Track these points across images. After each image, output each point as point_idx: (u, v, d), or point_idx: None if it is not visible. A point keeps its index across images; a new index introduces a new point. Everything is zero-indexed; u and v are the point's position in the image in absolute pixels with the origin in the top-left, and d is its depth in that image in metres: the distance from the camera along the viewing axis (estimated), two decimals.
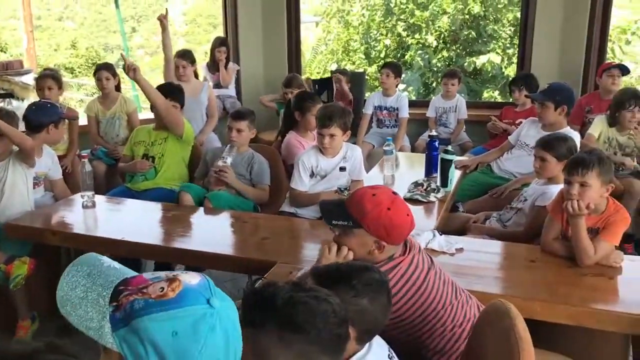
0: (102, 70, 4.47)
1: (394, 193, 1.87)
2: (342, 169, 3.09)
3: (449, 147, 3.36)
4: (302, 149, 3.35)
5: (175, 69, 4.57)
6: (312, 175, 3.12)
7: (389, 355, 1.56)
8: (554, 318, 2.15)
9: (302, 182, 3.10)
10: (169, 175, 3.57)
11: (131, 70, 3.27)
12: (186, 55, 4.71)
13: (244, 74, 5.83)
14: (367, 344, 1.51)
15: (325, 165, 3.11)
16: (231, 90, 5.41)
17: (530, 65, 5.16)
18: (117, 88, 4.60)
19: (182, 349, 0.96)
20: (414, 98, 8.72)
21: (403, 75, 9.09)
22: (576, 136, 3.47)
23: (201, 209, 3.13)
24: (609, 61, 5.31)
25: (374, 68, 9.06)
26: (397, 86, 5.13)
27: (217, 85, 5.37)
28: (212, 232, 2.90)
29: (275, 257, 2.44)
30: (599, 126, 4.02)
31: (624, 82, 7.90)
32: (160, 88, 3.60)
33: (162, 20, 4.33)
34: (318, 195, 3.03)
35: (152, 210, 3.16)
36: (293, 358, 1.16)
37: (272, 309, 1.17)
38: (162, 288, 1.00)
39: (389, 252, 1.82)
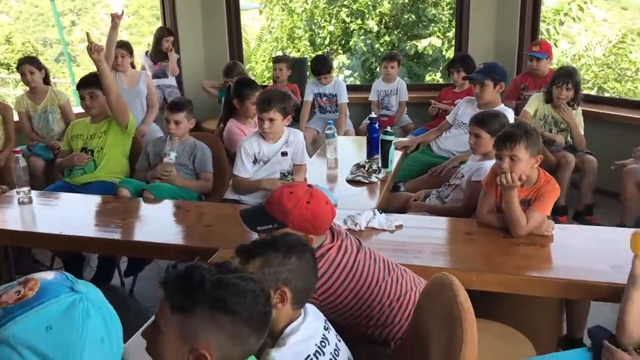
0: (25, 65, 4.35)
1: (310, 186, 1.92)
2: (284, 154, 3.10)
3: (389, 129, 3.42)
4: (243, 137, 3.34)
5: (113, 59, 4.47)
6: (255, 161, 3.12)
7: (324, 326, 1.59)
8: (490, 287, 2.23)
9: (245, 169, 3.09)
10: (110, 168, 3.51)
11: (95, 52, 3.21)
12: (125, 46, 4.63)
13: (185, 62, 5.75)
14: (303, 314, 1.55)
15: (267, 150, 3.12)
16: (171, 80, 5.33)
17: (467, 47, 5.28)
18: (46, 81, 4.47)
19: (63, 341, 0.94)
20: (358, 83, 8.79)
21: (349, 62, 9.20)
22: (510, 113, 3.59)
23: (141, 199, 3.09)
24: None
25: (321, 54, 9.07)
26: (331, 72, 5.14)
27: (158, 75, 5.28)
28: (154, 222, 2.87)
29: (219, 243, 2.43)
30: (535, 103, 4.17)
31: (560, 61, 8.20)
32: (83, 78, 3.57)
33: (115, 18, 4.24)
34: (260, 181, 3.04)
35: (91, 203, 3.10)
36: (225, 339, 1.15)
37: (202, 292, 1.15)
38: (18, 291, 0.98)
39: (317, 242, 1.86)
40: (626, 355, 1.72)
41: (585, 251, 2.36)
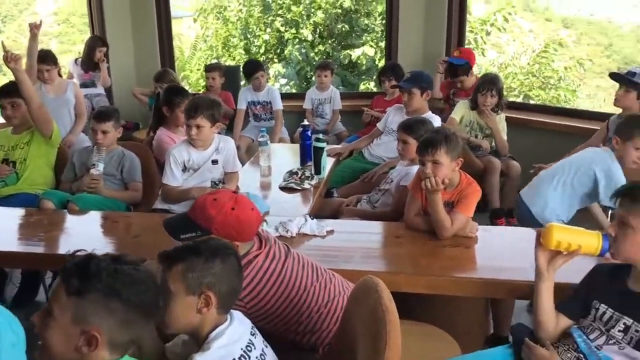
0: None
1: (235, 192, 1.92)
2: (215, 161, 3.07)
3: (321, 136, 3.45)
4: (173, 145, 3.29)
5: (39, 73, 4.31)
6: (185, 169, 3.08)
7: (251, 332, 1.59)
8: (418, 289, 2.29)
9: (174, 177, 3.05)
10: (33, 179, 3.38)
11: (12, 60, 3.08)
12: (48, 58, 4.43)
13: (115, 70, 5.61)
14: (229, 319, 1.54)
15: (197, 158, 3.08)
16: (99, 88, 5.19)
17: (397, 56, 5.41)
18: None
19: None
20: (294, 91, 8.83)
21: (284, 70, 9.23)
22: (437, 120, 3.70)
23: (66, 211, 2.98)
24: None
25: None
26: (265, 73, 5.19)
27: (86, 85, 5.13)
28: (80, 235, 2.79)
29: (148, 254, 2.38)
30: (461, 110, 4.30)
31: (488, 70, 8.51)
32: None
33: (34, 29, 4.08)
34: (190, 190, 3.00)
35: (13, 217, 2.97)
36: (115, 324, 1.27)
37: (98, 279, 1.26)
38: None
39: (243, 249, 1.86)
40: (544, 350, 1.80)
41: (507, 251, 2.46)
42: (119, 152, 3.31)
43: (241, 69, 5.54)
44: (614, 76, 3.67)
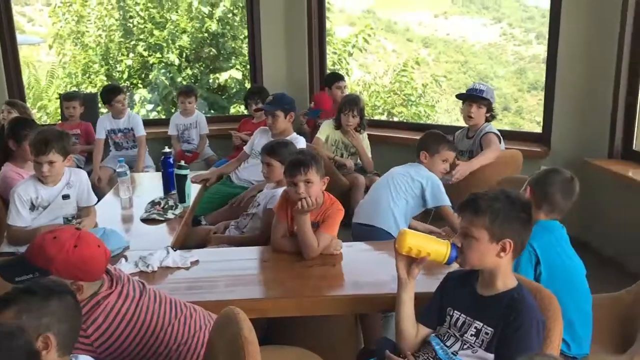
0: None
1: (77, 229, 1.80)
2: (66, 196, 2.87)
3: (182, 162, 3.35)
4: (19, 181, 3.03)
5: None
6: (33, 208, 2.85)
7: None
8: (286, 312, 2.27)
9: (20, 217, 2.80)
10: None
11: None
12: None
13: None
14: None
15: (46, 195, 2.86)
16: None
17: (262, 79, 5.44)
18: None
19: None
20: (163, 117, 8.57)
21: (150, 95, 8.94)
22: (302, 141, 3.75)
23: None
24: (333, 72, 5.86)
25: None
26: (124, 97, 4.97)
27: None
28: None
29: None
30: (326, 130, 4.40)
31: (352, 89, 8.81)
32: None
33: None
34: (39, 229, 2.77)
35: None
36: None
37: None
38: None
39: (91, 289, 1.74)
40: None
41: (370, 265, 2.52)
42: None
43: (99, 95, 5.25)
44: (461, 96, 3.91)
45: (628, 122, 3.88)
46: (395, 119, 9.09)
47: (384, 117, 9.20)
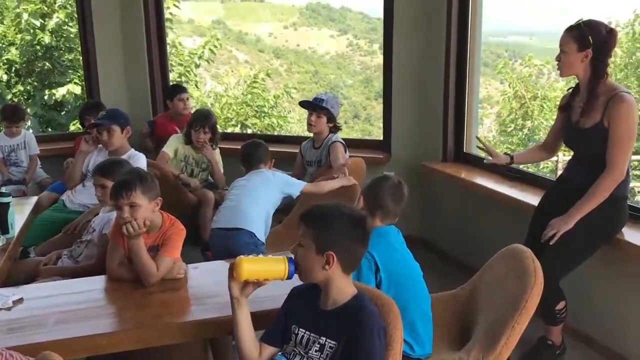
0: None
1: None
2: None
3: (3, 189, 3.01)
4: None
5: None
6: None
7: None
8: (124, 347, 2.09)
9: None
10: None
11: None
12: None
13: None
14: None
15: None
16: None
17: (99, 94, 5.13)
18: None
19: None
20: None
21: None
22: (142, 158, 3.55)
23: None
24: (175, 84, 5.67)
25: None
26: None
27: None
28: None
29: None
30: (173, 144, 4.21)
31: (201, 101, 8.64)
32: None
33: None
34: None
35: None
36: None
37: None
38: None
39: None
40: None
41: (218, 286, 2.39)
42: None
43: None
44: (304, 104, 3.96)
45: (458, 128, 4.16)
46: (249, 131, 9.06)
47: (237, 129, 9.12)
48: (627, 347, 2.86)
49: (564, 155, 7.74)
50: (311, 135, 4.04)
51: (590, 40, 2.60)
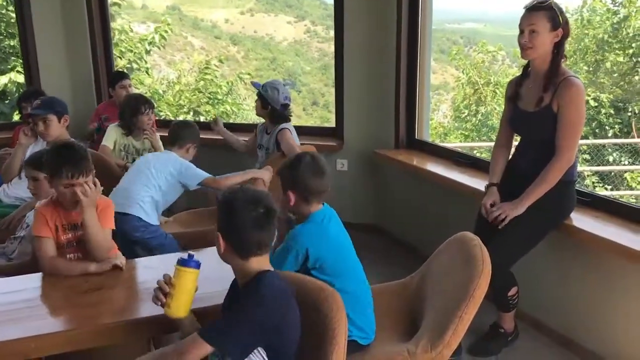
0: None
1: None
2: None
3: None
4: None
5: None
6: None
7: None
8: (55, 349, 1.98)
9: None
10: None
11: None
12: None
13: None
14: None
15: None
16: None
17: (40, 81, 4.90)
18: None
19: None
20: None
21: None
22: None
23: None
24: (117, 71, 5.46)
25: None
26: None
27: None
28: None
29: None
30: (112, 136, 4.03)
31: (153, 89, 8.40)
32: None
33: None
34: None
35: None
36: None
37: None
38: None
39: None
40: None
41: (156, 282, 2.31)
42: None
43: None
44: (254, 84, 3.92)
45: (410, 114, 4.12)
46: (202, 119, 8.86)
47: (189, 117, 8.92)
48: (576, 331, 2.88)
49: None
50: None
51: (560, 20, 2.56)
